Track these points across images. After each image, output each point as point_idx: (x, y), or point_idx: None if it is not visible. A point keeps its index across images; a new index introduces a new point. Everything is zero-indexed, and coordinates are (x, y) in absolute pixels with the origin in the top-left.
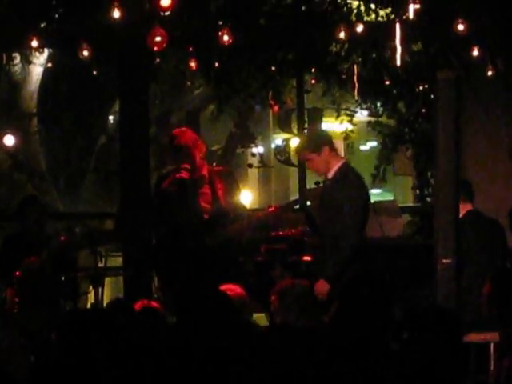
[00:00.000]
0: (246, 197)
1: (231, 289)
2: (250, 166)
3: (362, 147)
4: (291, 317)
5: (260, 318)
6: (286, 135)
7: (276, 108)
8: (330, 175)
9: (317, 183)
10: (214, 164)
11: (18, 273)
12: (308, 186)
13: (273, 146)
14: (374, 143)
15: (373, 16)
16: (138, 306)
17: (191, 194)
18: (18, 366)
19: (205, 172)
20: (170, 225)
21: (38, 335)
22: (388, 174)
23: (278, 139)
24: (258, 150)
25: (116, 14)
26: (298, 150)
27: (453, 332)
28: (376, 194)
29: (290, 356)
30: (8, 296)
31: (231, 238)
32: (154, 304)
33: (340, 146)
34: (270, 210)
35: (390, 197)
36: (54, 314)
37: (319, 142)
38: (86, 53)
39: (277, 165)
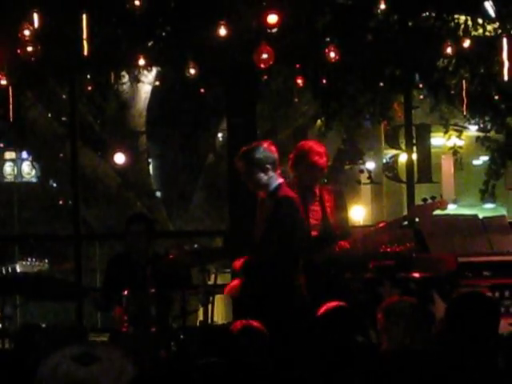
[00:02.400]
0: (359, 213)
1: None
2: (359, 182)
3: (475, 162)
4: (398, 334)
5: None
6: (395, 151)
7: (384, 124)
8: (267, 194)
9: (424, 200)
10: (325, 181)
11: (126, 291)
12: (416, 203)
13: (384, 161)
14: (486, 157)
15: (480, 31)
16: (237, 325)
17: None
18: None
19: (316, 189)
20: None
21: (148, 353)
22: (500, 189)
23: (389, 155)
24: (369, 165)
25: (223, 31)
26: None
27: None
28: (489, 209)
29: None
30: (117, 314)
31: (338, 256)
32: (254, 323)
33: (449, 161)
34: (379, 226)
35: (503, 212)
36: (162, 331)
37: (265, 159)
38: (192, 71)
39: (388, 181)
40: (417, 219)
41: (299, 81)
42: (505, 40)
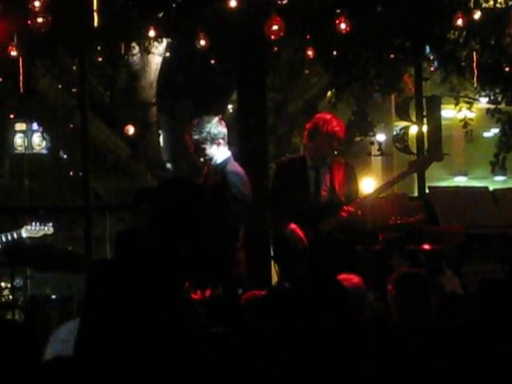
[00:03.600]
0: (369, 184)
1: (348, 278)
2: (369, 154)
3: (486, 134)
4: (407, 306)
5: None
6: (405, 123)
7: (394, 96)
8: (213, 167)
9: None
10: (336, 153)
11: None
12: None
13: (394, 133)
14: (497, 130)
15: (491, 2)
16: (246, 296)
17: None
18: None
19: (329, 161)
20: (289, 212)
21: None
22: (511, 161)
23: (399, 126)
24: (379, 137)
25: (233, 3)
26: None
27: None
28: (500, 182)
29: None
30: None
31: (345, 221)
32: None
33: (460, 133)
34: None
35: None
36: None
37: (218, 134)
38: (203, 42)
39: (399, 152)
40: (426, 190)
41: (310, 52)
42: None
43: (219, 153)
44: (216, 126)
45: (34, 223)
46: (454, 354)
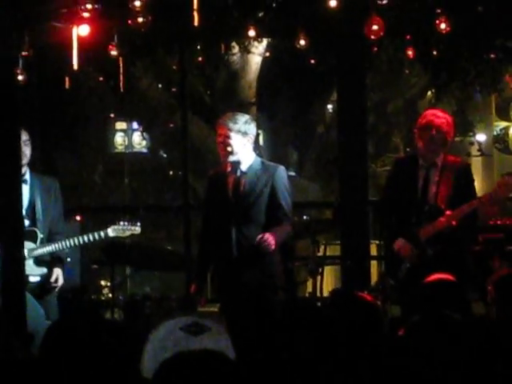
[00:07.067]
0: None
1: (442, 278)
2: (469, 154)
3: None
4: (508, 308)
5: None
6: (506, 123)
7: (495, 96)
8: (245, 167)
9: None
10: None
11: None
12: None
13: (494, 133)
14: None
15: None
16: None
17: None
18: None
19: (437, 160)
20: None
21: None
22: None
23: (500, 127)
24: (479, 137)
25: (333, 2)
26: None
27: None
28: None
29: None
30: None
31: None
32: (367, 297)
33: None
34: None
35: None
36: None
37: (254, 131)
38: (303, 42)
39: (499, 153)
40: None
41: (410, 52)
42: None
43: (247, 150)
44: (249, 122)
45: (121, 222)
46: None
